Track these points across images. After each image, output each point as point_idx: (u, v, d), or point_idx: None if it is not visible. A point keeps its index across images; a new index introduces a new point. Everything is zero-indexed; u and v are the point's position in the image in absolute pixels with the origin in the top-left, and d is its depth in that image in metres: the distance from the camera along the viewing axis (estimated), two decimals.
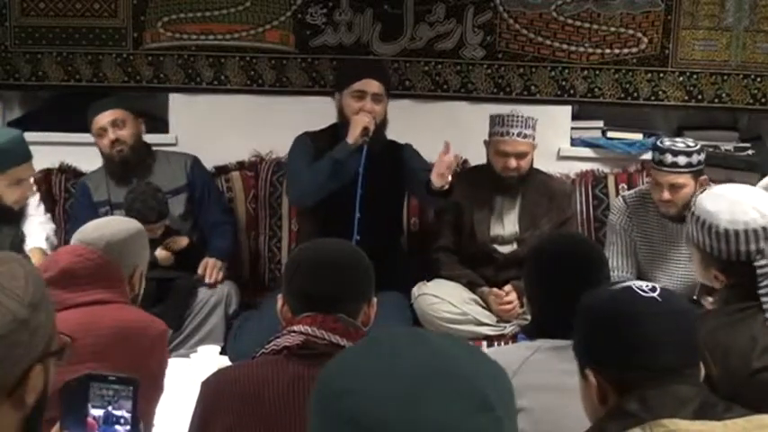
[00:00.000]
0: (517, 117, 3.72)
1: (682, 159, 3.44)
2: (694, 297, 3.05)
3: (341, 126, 3.74)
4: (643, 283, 1.60)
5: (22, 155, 3.49)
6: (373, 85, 3.72)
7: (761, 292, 2.14)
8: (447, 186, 3.50)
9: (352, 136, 3.61)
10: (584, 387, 1.58)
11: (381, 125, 3.74)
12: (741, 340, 2.07)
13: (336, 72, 4.19)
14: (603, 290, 1.64)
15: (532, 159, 3.82)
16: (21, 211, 3.64)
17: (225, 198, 4.22)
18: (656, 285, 1.59)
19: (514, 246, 3.84)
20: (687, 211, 3.34)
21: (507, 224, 3.85)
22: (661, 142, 3.52)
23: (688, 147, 3.48)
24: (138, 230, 2.43)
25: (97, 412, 1.69)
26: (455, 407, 0.93)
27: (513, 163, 3.73)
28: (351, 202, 3.58)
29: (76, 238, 2.34)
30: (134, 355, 2.12)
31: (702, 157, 3.51)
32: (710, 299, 2.94)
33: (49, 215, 3.92)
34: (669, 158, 3.45)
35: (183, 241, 3.82)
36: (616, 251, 3.68)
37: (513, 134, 3.70)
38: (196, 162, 4.06)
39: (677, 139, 3.56)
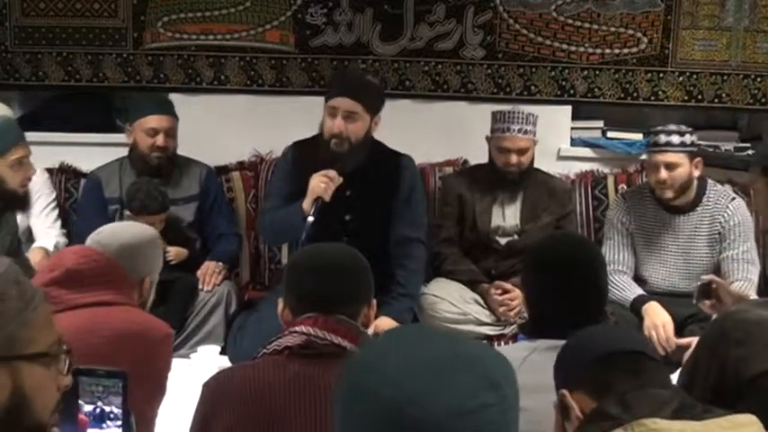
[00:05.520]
0: (518, 113, 3.77)
1: (675, 138, 3.58)
2: (693, 301, 3.05)
3: (321, 137, 3.63)
4: None
5: (17, 134, 3.50)
6: (347, 103, 3.55)
7: None
8: None
9: (306, 203, 3.48)
10: (560, 417, 1.58)
11: (361, 143, 3.60)
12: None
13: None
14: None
15: (533, 155, 3.85)
16: (26, 196, 3.63)
17: (233, 212, 4.20)
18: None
19: (515, 237, 3.88)
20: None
21: (509, 216, 3.89)
22: (653, 128, 3.68)
23: (679, 128, 3.63)
24: (153, 238, 2.41)
25: (88, 408, 1.69)
26: (470, 384, 1.06)
27: (513, 159, 3.78)
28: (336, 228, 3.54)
29: (92, 239, 2.31)
30: (139, 356, 2.10)
31: (695, 138, 3.65)
32: (708, 302, 2.97)
33: (59, 221, 3.91)
34: (663, 138, 3.59)
35: (183, 254, 3.79)
36: (613, 245, 3.76)
37: (514, 130, 3.76)
38: (210, 173, 4.08)
39: (669, 125, 3.68)
